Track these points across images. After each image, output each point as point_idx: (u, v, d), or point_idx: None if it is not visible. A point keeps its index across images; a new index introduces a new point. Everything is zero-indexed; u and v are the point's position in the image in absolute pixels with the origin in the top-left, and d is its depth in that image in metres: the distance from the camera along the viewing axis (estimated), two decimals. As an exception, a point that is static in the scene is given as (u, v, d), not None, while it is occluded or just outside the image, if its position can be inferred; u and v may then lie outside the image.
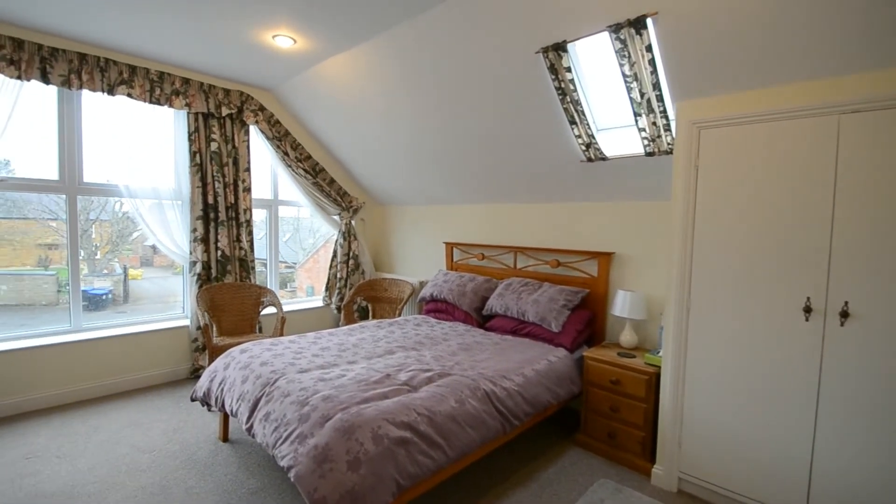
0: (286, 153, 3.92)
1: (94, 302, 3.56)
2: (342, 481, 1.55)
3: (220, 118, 3.52)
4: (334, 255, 4.38)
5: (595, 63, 2.44)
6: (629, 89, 2.25)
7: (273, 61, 3.18)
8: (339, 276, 4.33)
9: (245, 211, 3.68)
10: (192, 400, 2.49)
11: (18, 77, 2.67)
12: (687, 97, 2.08)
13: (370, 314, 4.15)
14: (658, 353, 2.38)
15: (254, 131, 3.78)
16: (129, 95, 3.09)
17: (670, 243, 2.17)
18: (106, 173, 3.21)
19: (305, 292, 5.46)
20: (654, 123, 2.30)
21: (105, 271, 3.93)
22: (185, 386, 3.35)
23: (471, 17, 2.34)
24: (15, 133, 2.84)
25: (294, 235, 5.23)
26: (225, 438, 2.56)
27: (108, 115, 3.15)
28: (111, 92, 3.02)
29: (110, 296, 3.79)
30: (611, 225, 2.93)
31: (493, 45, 2.43)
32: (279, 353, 2.45)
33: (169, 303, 3.85)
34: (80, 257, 3.18)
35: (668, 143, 2.35)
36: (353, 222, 4.41)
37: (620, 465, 2.39)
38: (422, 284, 4.05)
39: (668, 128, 2.30)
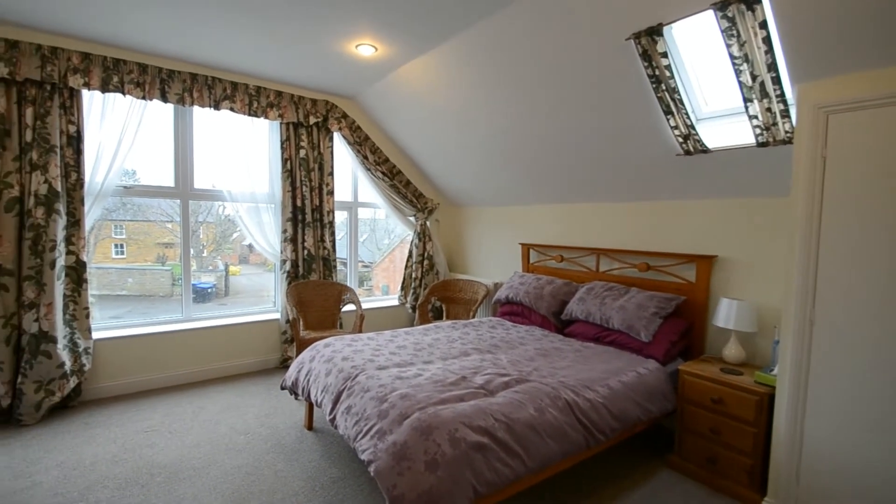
0: (366, 157, 4.08)
1: (201, 295, 3.98)
2: (419, 481, 1.54)
3: (307, 127, 3.76)
4: (409, 256, 4.47)
5: (694, 46, 2.21)
6: (738, 72, 2.00)
7: (355, 70, 3.32)
8: (413, 276, 4.41)
9: (328, 213, 3.89)
10: (282, 388, 2.66)
11: (143, 97, 3.06)
12: (810, 78, 1.79)
13: (444, 314, 4.16)
14: (771, 371, 2.08)
15: (337, 137, 3.99)
16: (232, 109, 3.40)
17: (789, 246, 1.88)
18: (211, 180, 3.57)
19: (381, 290, 5.64)
20: (769, 109, 2.02)
21: (210, 268, 4.40)
22: (275, 374, 3.60)
23: (550, 10, 2.24)
24: (140, 146, 3.25)
25: (371, 236, 5.44)
26: (310, 426, 2.70)
27: (212, 127, 3.51)
28: (217, 107, 3.35)
29: (214, 289, 4.24)
30: (712, 225, 2.64)
31: (576, 36, 2.31)
32: (359, 349, 2.52)
33: (262, 297, 4.19)
34: (191, 255, 3.57)
35: (787, 132, 2.05)
36: (428, 223, 4.47)
37: (721, 494, 2.13)
38: (496, 286, 3.98)
39: (786, 114, 2.00)
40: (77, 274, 2.90)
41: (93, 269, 3.06)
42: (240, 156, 3.59)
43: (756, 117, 2.08)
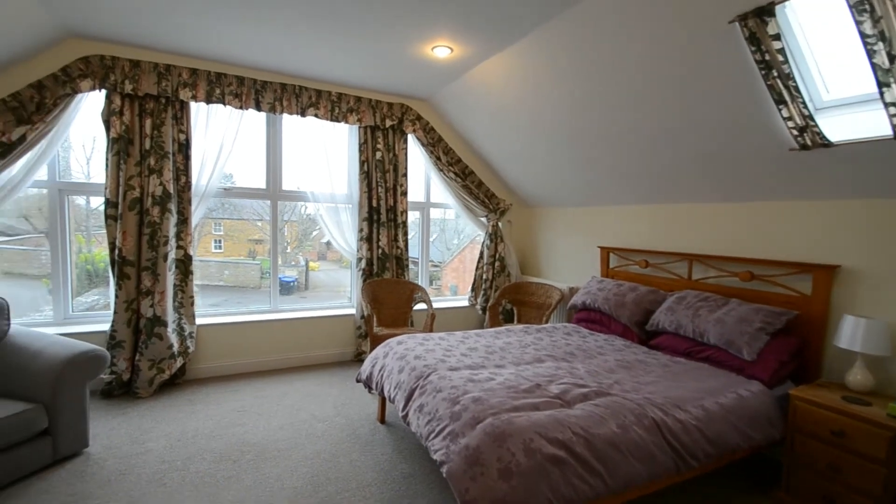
0: (438, 158, 4.11)
1: (285, 288, 4.29)
2: (493, 488, 1.49)
3: (383, 129, 3.87)
4: (480, 257, 4.43)
5: (813, 25, 1.93)
6: (871, 53, 1.70)
7: (430, 72, 3.35)
8: (484, 277, 4.37)
9: (402, 213, 3.98)
10: (357, 381, 2.76)
11: (240, 107, 3.34)
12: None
13: (515, 318, 4.07)
14: (913, 404, 1.75)
15: (411, 139, 4.07)
16: (316, 115, 3.61)
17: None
18: (297, 181, 3.81)
19: (449, 290, 5.68)
20: (916, 93, 1.69)
21: (292, 263, 4.74)
22: (350, 367, 3.76)
23: (645, -6, 2.07)
24: (236, 152, 3.54)
25: (440, 236, 5.50)
26: (382, 420, 2.77)
27: (298, 132, 3.73)
28: (303, 114, 3.57)
29: (295, 283, 4.57)
30: (833, 230, 2.28)
31: (670, 22, 2.11)
32: (430, 348, 2.54)
33: (338, 292, 4.42)
34: (278, 251, 3.85)
35: (941, 118, 1.71)
36: (499, 224, 4.41)
37: (842, 544, 1.83)
38: (571, 291, 3.80)
39: (940, 97, 1.67)
40: (184, 266, 3.25)
41: (197, 262, 3.41)
42: (321, 159, 3.79)
43: (895, 104, 1.76)
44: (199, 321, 3.39)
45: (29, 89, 2.76)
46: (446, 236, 5.60)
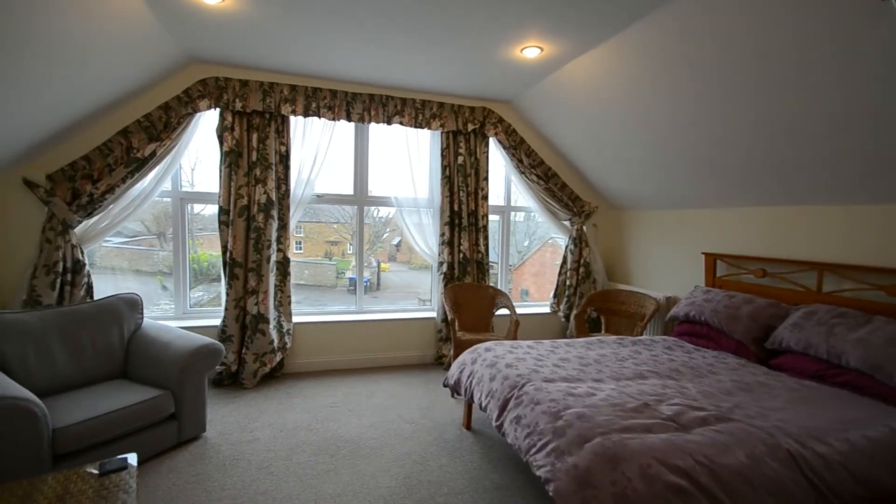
0: (520, 160, 4.03)
1: (363, 287, 4.46)
2: (606, 514, 1.40)
3: (465, 134, 3.88)
4: (564, 262, 4.27)
5: None
6: None
7: (516, 74, 3.29)
8: (568, 283, 4.21)
9: (483, 217, 3.95)
10: (445, 386, 2.77)
11: (333, 118, 3.52)
12: None
13: (602, 327, 3.87)
14: None
15: (492, 143, 4.03)
16: (401, 123, 3.70)
17: None
18: (380, 187, 3.94)
19: (520, 295, 5.56)
20: None
21: (365, 264, 4.92)
22: (432, 370, 3.80)
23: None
24: (328, 160, 3.72)
25: (510, 239, 5.42)
26: (468, 426, 2.75)
27: (382, 139, 3.85)
28: (389, 122, 3.68)
29: (368, 283, 4.74)
30: None
31: (801, 2, 1.86)
32: (520, 357, 2.47)
33: (408, 292, 4.53)
34: (356, 253, 3.98)
35: None
36: (584, 228, 4.23)
37: None
38: (669, 301, 3.53)
39: None
40: (283, 268, 3.49)
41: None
42: (404, 164, 3.88)
43: None
44: (294, 319, 3.62)
45: (158, 110, 3.12)
46: (516, 239, 5.51)
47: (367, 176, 3.91)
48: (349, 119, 3.57)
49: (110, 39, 2.46)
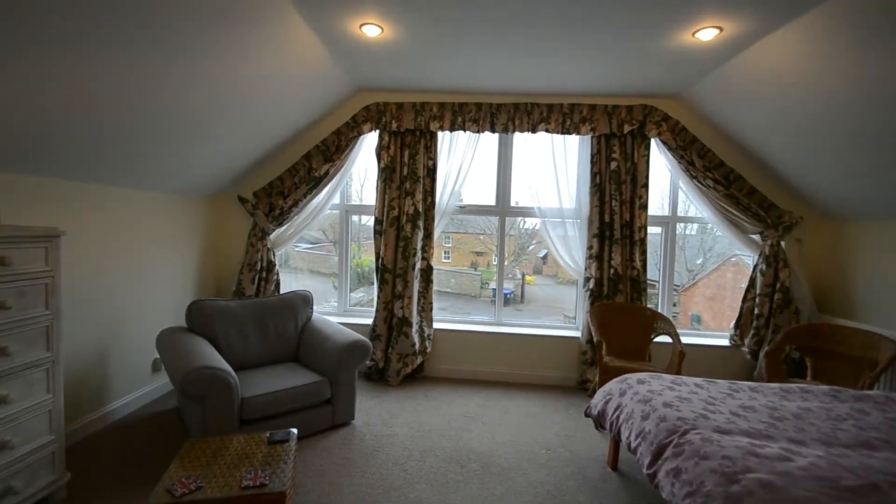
0: (691, 163, 3.44)
1: (503, 299, 4.36)
2: None
3: (620, 136, 3.50)
4: (751, 285, 3.46)
5: None
6: None
7: (685, 62, 2.82)
8: (757, 312, 3.38)
9: (639, 229, 3.48)
10: (586, 416, 2.48)
11: (477, 131, 3.57)
12: None
13: (808, 373, 2.98)
14: None
15: (654, 145, 3.54)
16: (546, 130, 3.53)
17: None
18: (523, 197, 3.82)
19: (689, 321, 4.73)
20: None
21: (509, 276, 4.81)
22: (573, 394, 3.48)
23: None
24: (472, 172, 3.78)
25: (679, 255, 4.67)
26: (614, 466, 2.40)
27: (526, 148, 3.72)
28: (534, 130, 3.55)
29: (512, 295, 4.61)
30: None
31: None
32: (684, 396, 2.05)
33: (552, 307, 4.25)
34: (500, 265, 3.92)
35: None
36: (782, 244, 3.37)
37: None
38: (917, 345, 2.53)
39: None
40: (427, 275, 3.65)
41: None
42: (549, 173, 3.68)
43: None
44: (435, 325, 3.74)
45: (331, 135, 3.63)
46: (686, 255, 4.72)
47: (509, 186, 3.85)
48: (493, 130, 3.57)
49: (297, 80, 2.97)
